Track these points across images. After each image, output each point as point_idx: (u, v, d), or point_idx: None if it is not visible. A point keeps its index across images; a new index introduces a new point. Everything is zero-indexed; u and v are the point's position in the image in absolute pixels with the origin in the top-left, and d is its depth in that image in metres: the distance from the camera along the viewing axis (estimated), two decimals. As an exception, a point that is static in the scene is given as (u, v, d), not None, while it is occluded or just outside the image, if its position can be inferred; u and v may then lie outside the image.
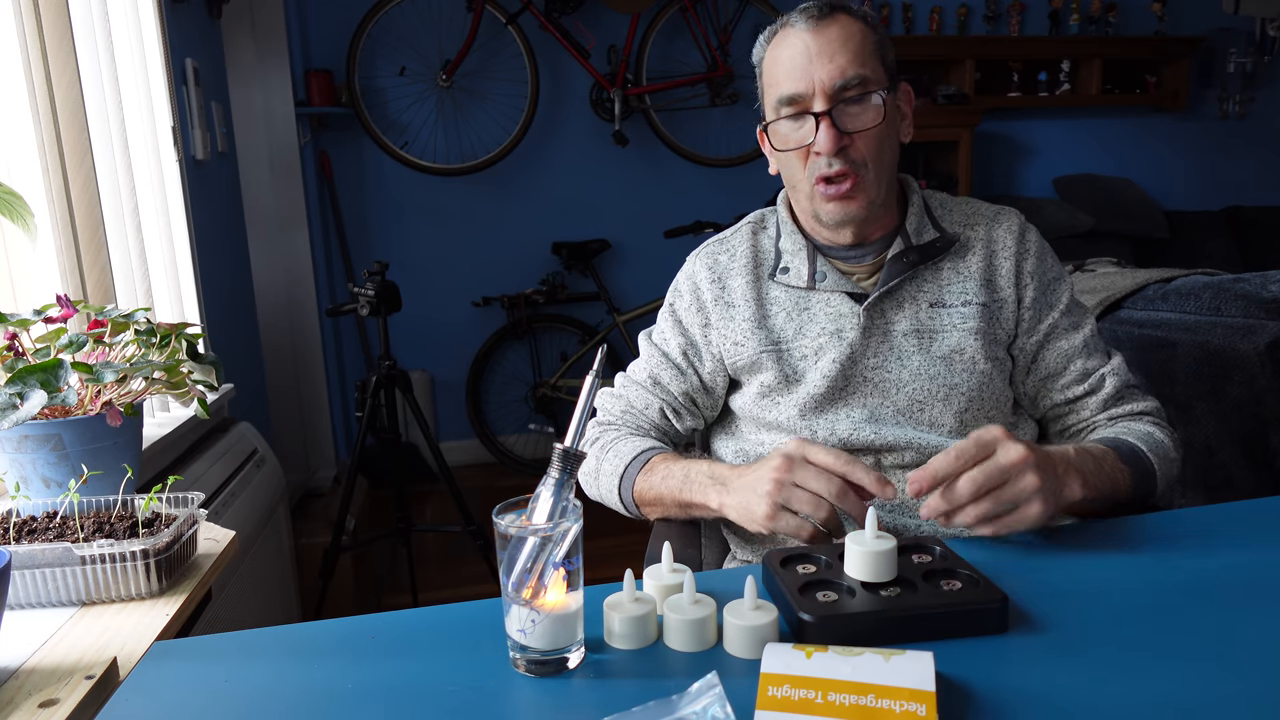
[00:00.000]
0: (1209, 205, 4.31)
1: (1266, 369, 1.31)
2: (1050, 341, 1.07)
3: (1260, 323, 1.40)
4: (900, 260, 1.04)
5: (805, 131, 1.00)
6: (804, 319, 1.07)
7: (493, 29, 3.48)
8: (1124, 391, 1.08)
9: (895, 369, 1.04)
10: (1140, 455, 0.96)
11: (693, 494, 0.96)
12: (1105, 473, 0.89)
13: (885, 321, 1.05)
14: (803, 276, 1.07)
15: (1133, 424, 1.04)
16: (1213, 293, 1.59)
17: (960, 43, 3.97)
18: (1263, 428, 1.32)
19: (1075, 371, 1.07)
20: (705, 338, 1.12)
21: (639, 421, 1.14)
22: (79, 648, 0.75)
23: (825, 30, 0.98)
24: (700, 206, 3.73)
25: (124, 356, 1.02)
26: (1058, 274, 1.10)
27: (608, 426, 1.14)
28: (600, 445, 1.11)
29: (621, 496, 1.06)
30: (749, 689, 0.54)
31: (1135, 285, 1.90)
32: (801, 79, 0.98)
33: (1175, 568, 0.73)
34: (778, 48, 1.02)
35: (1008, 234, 1.08)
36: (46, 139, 1.31)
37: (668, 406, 1.13)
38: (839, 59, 0.97)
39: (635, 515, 1.08)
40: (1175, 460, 1.02)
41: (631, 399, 1.15)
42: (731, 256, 1.12)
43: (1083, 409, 1.08)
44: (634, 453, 1.06)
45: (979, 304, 1.04)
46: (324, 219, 3.52)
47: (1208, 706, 0.53)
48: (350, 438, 3.56)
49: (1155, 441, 0.99)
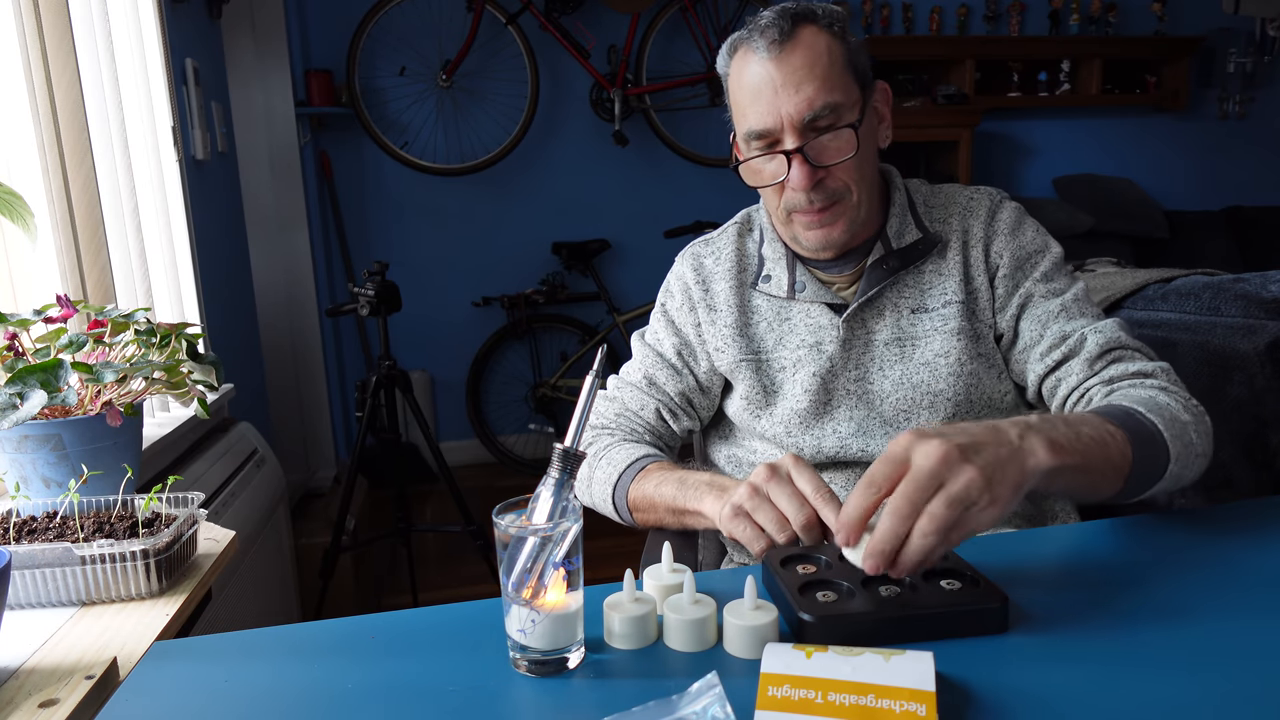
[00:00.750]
0: (1209, 205, 4.31)
1: (1266, 369, 1.31)
2: (1026, 311, 1.01)
3: (1260, 323, 1.40)
4: (880, 267, 1.01)
5: (778, 167, 0.96)
6: (784, 329, 1.05)
7: (493, 29, 3.48)
8: (1117, 352, 0.96)
9: (877, 380, 1.02)
10: (1135, 416, 0.81)
11: (688, 500, 0.92)
12: (1085, 435, 0.73)
13: (866, 332, 1.03)
14: (783, 286, 1.05)
15: (1134, 390, 0.90)
16: (1213, 293, 1.59)
17: (960, 43, 3.97)
18: (1263, 428, 1.32)
19: (1053, 335, 0.98)
20: (699, 336, 1.10)
21: (633, 425, 1.11)
22: (79, 648, 0.74)
23: (789, 58, 0.92)
24: (700, 206, 3.73)
25: (124, 356, 1.02)
26: (1037, 246, 1.03)
27: (601, 431, 1.11)
28: (593, 451, 1.07)
29: (615, 503, 1.02)
30: (749, 689, 0.54)
31: (1135, 285, 1.90)
32: (768, 114, 0.93)
33: (1175, 568, 0.73)
34: (741, 74, 0.96)
35: (977, 220, 1.03)
36: (46, 139, 1.31)
37: (664, 407, 1.11)
38: (805, 89, 0.92)
39: (628, 522, 1.05)
40: (1190, 424, 0.84)
41: (626, 400, 1.12)
42: (716, 260, 1.10)
43: (1067, 374, 0.97)
44: (629, 459, 1.03)
45: (958, 302, 1.01)
46: (324, 219, 3.52)
47: (1208, 706, 0.53)
48: (350, 438, 3.56)
49: (1157, 404, 0.84)
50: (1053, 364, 0.98)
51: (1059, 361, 0.97)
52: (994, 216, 1.04)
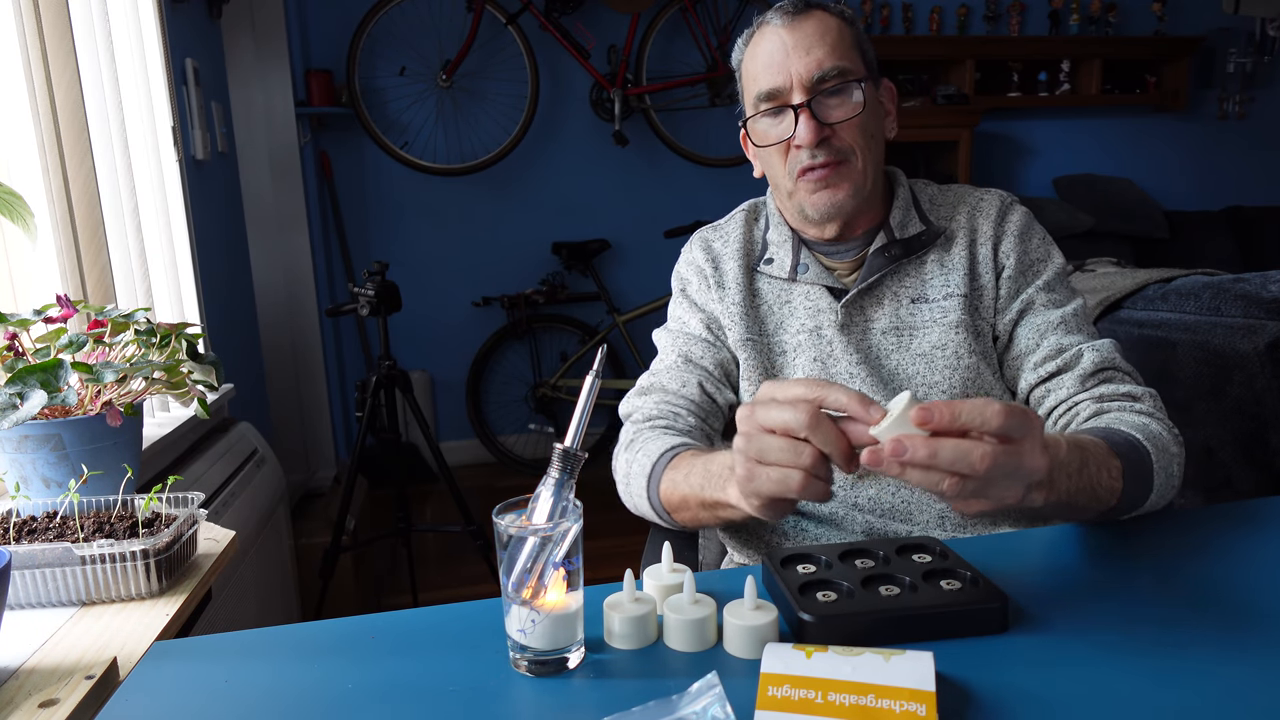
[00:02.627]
0: (1209, 205, 4.31)
1: (1266, 369, 1.31)
2: (1025, 317, 1.02)
3: (1260, 323, 1.40)
4: (882, 255, 1.02)
5: (785, 126, 0.99)
6: (785, 312, 1.06)
7: (493, 29, 3.48)
8: (1110, 372, 0.97)
9: (875, 368, 1.02)
10: (1138, 449, 0.81)
11: (714, 491, 0.82)
12: (1089, 475, 0.74)
13: (864, 319, 1.03)
14: (785, 267, 1.06)
15: (1127, 414, 0.90)
16: (1213, 293, 1.59)
17: (960, 43, 3.97)
18: (1263, 428, 1.32)
19: (1049, 347, 0.99)
20: (720, 310, 1.09)
21: (676, 408, 1.04)
22: (79, 648, 0.75)
23: (801, 25, 0.98)
24: (700, 206, 3.73)
25: (124, 356, 1.02)
26: (1043, 253, 1.05)
27: (644, 425, 1.03)
28: (633, 447, 1.00)
29: (651, 502, 0.94)
30: (749, 689, 0.54)
31: (1135, 285, 1.90)
32: (779, 73, 0.97)
33: (1176, 568, 0.73)
34: (755, 46, 1.02)
35: (987, 219, 1.05)
36: (46, 139, 1.31)
37: (706, 379, 1.07)
38: (816, 51, 0.96)
39: (671, 524, 0.95)
40: (1175, 457, 0.86)
41: (665, 383, 1.07)
42: (725, 242, 1.12)
43: (1058, 387, 0.97)
44: (661, 449, 0.94)
45: (960, 295, 1.01)
46: (324, 219, 3.52)
47: (1209, 706, 0.53)
48: (350, 438, 3.57)
49: (1151, 433, 0.85)
50: (1046, 375, 0.99)
51: (1052, 374, 0.98)
52: (1005, 217, 1.06)
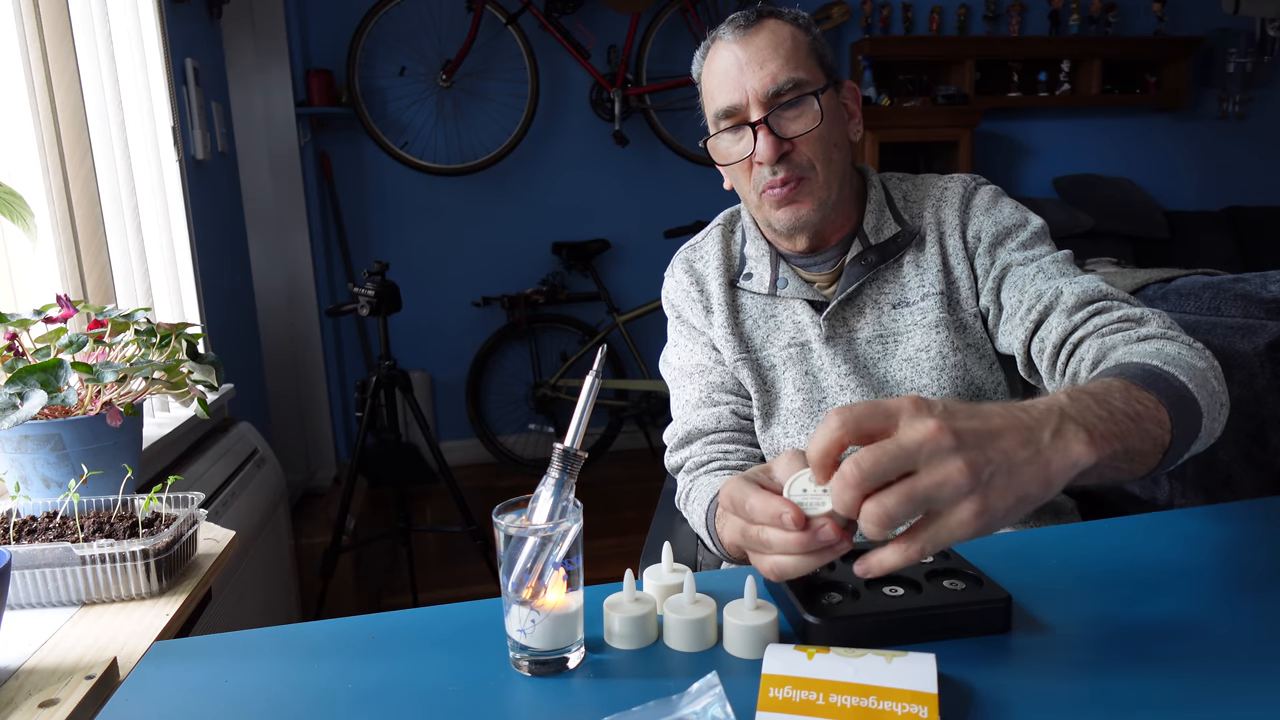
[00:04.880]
0: (1209, 205, 4.31)
1: (1266, 369, 1.31)
2: (1005, 280, 0.98)
3: (1260, 323, 1.40)
4: (859, 263, 1.02)
5: (745, 144, 0.98)
6: (770, 326, 1.06)
7: (493, 29, 3.48)
8: (1100, 303, 0.88)
9: (864, 378, 1.02)
10: (1158, 374, 0.68)
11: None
12: (1119, 412, 0.59)
13: (848, 330, 1.03)
14: (765, 283, 1.05)
15: (1139, 344, 0.78)
16: (1213, 293, 1.59)
17: (960, 43, 3.97)
18: (1262, 428, 1.32)
19: (1030, 295, 0.93)
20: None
21: (719, 446, 1.05)
22: (79, 648, 0.74)
23: (753, 39, 0.97)
24: (700, 206, 3.73)
25: (124, 356, 1.02)
26: (1016, 220, 1.01)
27: (698, 473, 1.03)
28: (689, 498, 1.01)
29: (720, 556, 0.95)
30: (749, 689, 0.54)
31: (1135, 285, 1.90)
32: (734, 90, 0.96)
33: (1176, 568, 0.73)
34: (711, 62, 1.01)
35: (951, 209, 1.03)
36: (46, 139, 1.31)
37: (734, 403, 1.07)
38: (769, 65, 0.95)
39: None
40: (1207, 370, 0.73)
41: (700, 426, 1.06)
42: (705, 262, 1.11)
43: (1048, 332, 0.89)
44: (708, 500, 0.94)
45: (936, 294, 1.00)
46: (324, 219, 3.52)
47: (1210, 707, 0.53)
48: (350, 438, 3.56)
49: (1168, 355, 0.72)
50: (1033, 324, 0.92)
51: (1038, 321, 0.91)
52: (969, 201, 1.04)
